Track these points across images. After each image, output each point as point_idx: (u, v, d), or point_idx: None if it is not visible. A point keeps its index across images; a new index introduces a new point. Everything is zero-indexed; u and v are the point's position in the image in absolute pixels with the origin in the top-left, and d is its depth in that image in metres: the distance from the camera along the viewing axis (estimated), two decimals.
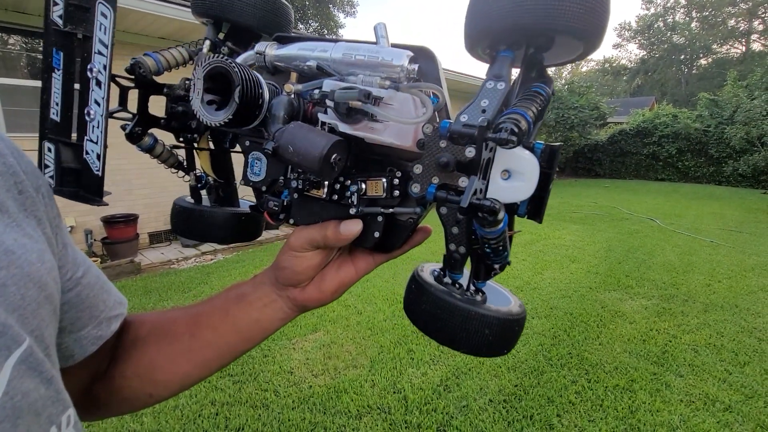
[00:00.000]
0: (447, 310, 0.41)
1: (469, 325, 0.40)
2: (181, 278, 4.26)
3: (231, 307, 0.47)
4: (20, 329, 0.25)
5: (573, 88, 13.22)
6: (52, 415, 0.27)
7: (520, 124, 0.33)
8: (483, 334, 0.40)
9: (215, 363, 0.47)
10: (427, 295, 0.42)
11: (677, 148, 12.88)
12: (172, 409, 2.16)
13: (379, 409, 2.15)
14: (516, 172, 0.37)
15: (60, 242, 0.34)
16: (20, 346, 0.24)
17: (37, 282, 0.27)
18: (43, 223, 0.31)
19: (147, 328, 0.47)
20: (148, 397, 0.46)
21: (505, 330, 0.41)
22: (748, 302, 3.50)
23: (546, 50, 0.41)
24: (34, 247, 0.28)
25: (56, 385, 0.28)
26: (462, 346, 0.41)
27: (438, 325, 0.42)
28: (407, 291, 0.47)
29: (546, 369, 2.51)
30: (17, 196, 0.29)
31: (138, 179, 5.39)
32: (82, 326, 0.37)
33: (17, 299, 0.25)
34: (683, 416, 2.10)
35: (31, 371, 0.25)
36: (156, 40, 5.29)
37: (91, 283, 0.37)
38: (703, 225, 6.58)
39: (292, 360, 2.63)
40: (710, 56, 34.04)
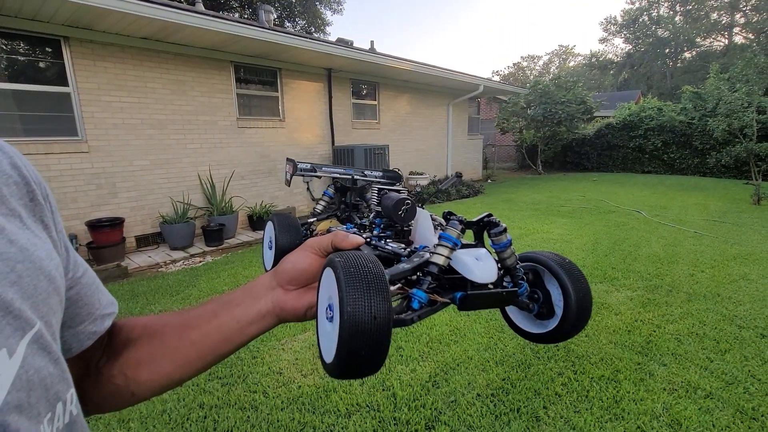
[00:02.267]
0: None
1: (370, 303, 0.39)
2: (169, 281, 4.22)
3: (218, 309, 0.50)
4: (32, 314, 0.29)
5: (560, 83, 13.31)
6: (59, 392, 0.31)
7: (502, 229, 0.53)
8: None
9: (196, 364, 0.49)
10: (377, 267, 0.46)
11: (662, 141, 13.07)
12: (160, 413, 2.15)
13: (368, 407, 2.16)
14: (482, 261, 0.51)
15: (63, 246, 0.38)
16: (32, 328, 0.28)
17: (47, 275, 0.31)
18: (49, 228, 0.36)
19: (139, 330, 0.50)
20: (130, 395, 0.48)
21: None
22: (730, 291, 3.58)
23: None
24: (43, 246, 0.33)
25: (62, 365, 0.32)
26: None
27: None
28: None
29: (533, 362, 2.54)
30: (28, 203, 0.34)
31: (123, 182, 5.31)
32: (80, 322, 0.40)
33: (30, 289, 0.29)
34: (666, 404, 2.14)
35: (41, 351, 0.29)
36: (138, 40, 5.21)
37: (88, 283, 0.41)
38: (688, 216, 6.71)
39: (281, 360, 2.62)
40: (694, 49, 34.56)
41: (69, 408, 0.32)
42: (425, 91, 10.57)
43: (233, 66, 6.37)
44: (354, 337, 0.37)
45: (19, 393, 0.26)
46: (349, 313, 0.36)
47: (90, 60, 4.90)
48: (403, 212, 0.60)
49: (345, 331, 0.37)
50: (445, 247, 0.50)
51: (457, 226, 0.50)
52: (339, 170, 0.93)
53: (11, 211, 0.32)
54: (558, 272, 0.55)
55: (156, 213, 5.61)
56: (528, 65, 50.65)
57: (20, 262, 0.29)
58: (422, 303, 0.46)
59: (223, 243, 5.67)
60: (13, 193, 0.33)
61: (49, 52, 4.75)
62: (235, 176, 6.48)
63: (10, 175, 0.33)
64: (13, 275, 0.28)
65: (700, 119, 11.96)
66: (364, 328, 0.37)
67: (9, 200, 0.32)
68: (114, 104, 5.14)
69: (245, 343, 0.51)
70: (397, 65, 8.10)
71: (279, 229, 0.72)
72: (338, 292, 0.38)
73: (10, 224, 0.31)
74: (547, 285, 0.58)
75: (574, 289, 0.54)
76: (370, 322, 0.37)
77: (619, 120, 14.08)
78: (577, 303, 0.54)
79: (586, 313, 0.55)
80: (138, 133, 5.38)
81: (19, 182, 0.34)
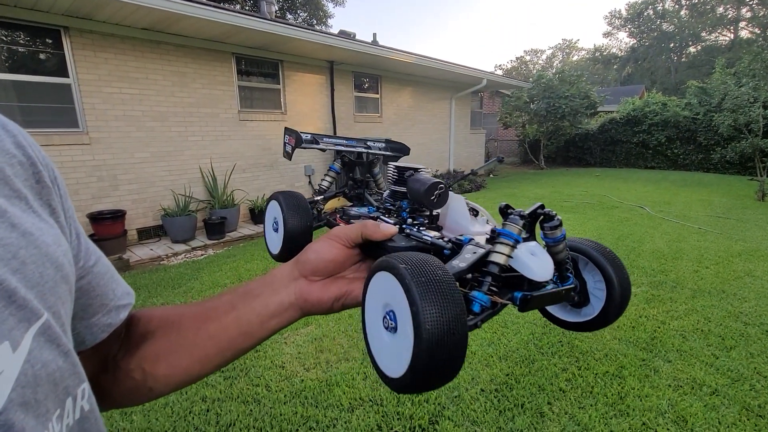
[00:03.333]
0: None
1: (451, 309, 0.37)
2: (171, 274, 4.21)
3: (236, 301, 0.48)
4: (38, 304, 0.27)
5: (564, 77, 13.18)
6: (69, 387, 0.29)
7: (557, 223, 0.51)
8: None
9: (216, 359, 0.47)
10: (444, 270, 0.45)
11: (666, 136, 12.98)
12: (162, 406, 2.14)
13: (371, 401, 2.15)
14: (538, 256, 0.49)
15: (73, 232, 0.35)
16: (39, 320, 0.26)
17: (54, 262, 0.29)
18: (57, 213, 0.33)
19: (156, 322, 0.48)
20: (148, 390, 0.46)
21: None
22: (735, 287, 3.56)
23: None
24: (50, 231, 0.30)
25: (73, 358, 0.30)
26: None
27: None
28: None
29: (537, 357, 2.53)
30: (34, 185, 0.32)
31: (124, 174, 5.29)
32: (93, 314, 0.38)
33: (36, 277, 0.27)
34: (671, 400, 2.13)
35: (49, 343, 0.27)
36: (139, 31, 5.15)
37: (102, 272, 0.39)
38: (692, 212, 6.67)
39: (284, 354, 2.61)
40: (699, 44, 34.23)
41: (80, 403, 0.30)
42: (428, 85, 10.49)
43: (235, 58, 6.31)
44: (434, 355, 0.34)
45: (24, 389, 0.24)
46: (429, 331, 0.34)
47: (90, 51, 4.85)
48: (436, 197, 0.55)
49: (424, 351, 0.34)
50: (507, 245, 0.46)
51: (518, 222, 0.46)
52: (343, 141, 0.84)
53: (15, 192, 0.29)
54: (600, 262, 0.53)
55: (157, 206, 5.59)
56: (531, 59, 50.29)
57: (23, 247, 0.27)
58: (484, 306, 0.43)
59: (225, 236, 5.66)
60: (17, 173, 0.30)
61: (50, 43, 4.70)
62: (236, 169, 6.44)
63: (14, 154, 0.31)
64: (15, 262, 0.26)
65: (705, 114, 11.86)
66: (443, 345, 0.34)
67: (13, 181, 0.29)
68: (115, 96, 5.09)
69: (266, 337, 0.48)
70: (400, 58, 8.02)
71: (287, 209, 0.65)
72: (410, 305, 0.35)
73: (12, 207, 0.28)
74: (583, 273, 0.56)
75: (618, 278, 0.52)
76: (449, 338, 0.34)
77: (622, 115, 13.97)
78: (621, 293, 0.52)
79: (626, 302, 0.54)
80: (139, 125, 5.35)
81: (24, 162, 0.31)
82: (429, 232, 0.54)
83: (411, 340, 0.35)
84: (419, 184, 0.57)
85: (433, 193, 0.56)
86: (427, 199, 0.56)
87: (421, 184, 0.57)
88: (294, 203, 0.67)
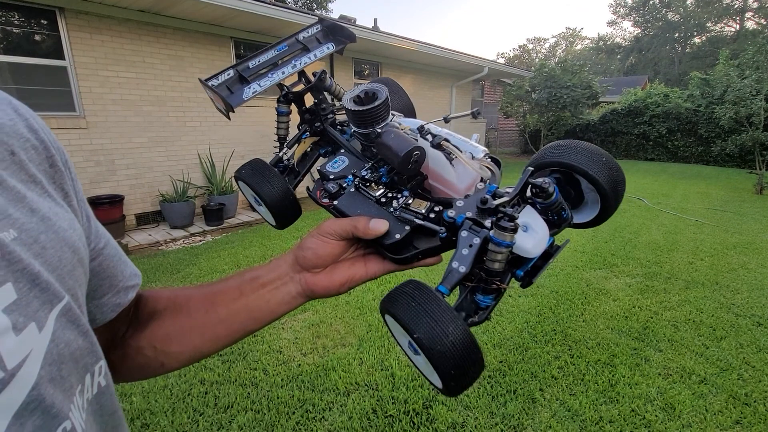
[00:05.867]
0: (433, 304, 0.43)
1: (437, 325, 0.41)
2: (169, 260, 4.23)
3: (245, 287, 0.50)
4: (59, 287, 0.28)
5: (566, 66, 13.04)
6: (88, 364, 0.31)
7: (549, 188, 0.47)
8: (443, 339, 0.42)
9: (225, 339, 0.50)
10: (422, 290, 0.45)
11: (667, 128, 12.92)
12: (162, 388, 2.18)
13: (366, 385, 2.19)
14: (532, 229, 0.48)
15: (84, 215, 0.36)
16: (60, 301, 0.28)
17: (70, 246, 0.30)
18: (70, 196, 0.34)
19: (164, 302, 0.50)
20: (159, 366, 0.49)
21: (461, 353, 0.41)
22: (728, 279, 3.59)
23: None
24: (65, 216, 0.31)
25: (91, 338, 0.31)
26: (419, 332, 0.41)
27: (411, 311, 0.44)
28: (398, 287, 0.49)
29: (530, 345, 2.57)
30: (48, 169, 0.32)
31: (121, 159, 5.26)
32: (103, 294, 0.39)
33: (55, 261, 0.28)
34: (660, 388, 2.17)
35: (70, 324, 0.29)
36: (135, 13, 5.07)
37: (111, 254, 0.40)
38: (689, 204, 6.69)
39: (281, 339, 2.65)
40: (704, 34, 33.82)
41: (97, 380, 0.32)
42: (428, 72, 10.38)
43: (233, 42, 6.23)
44: (449, 363, 0.40)
45: (51, 367, 0.26)
46: (433, 349, 0.39)
47: (86, 33, 4.77)
48: (413, 164, 0.51)
49: (441, 364, 0.40)
50: (501, 253, 0.45)
51: (510, 226, 0.44)
52: (270, 55, 0.68)
53: (31, 177, 0.30)
54: (585, 172, 0.51)
55: (156, 191, 5.58)
56: (534, 48, 49.66)
57: (43, 232, 0.28)
58: (489, 303, 0.48)
59: (223, 223, 5.66)
60: (31, 158, 0.30)
61: (45, 24, 4.62)
62: (235, 156, 6.42)
63: (27, 138, 0.31)
64: (36, 246, 0.27)
65: (706, 107, 11.79)
66: (450, 354, 0.39)
67: (28, 166, 0.30)
68: (112, 79, 5.03)
69: (274, 320, 0.51)
70: (401, 44, 7.92)
71: (254, 182, 0.61)
72: (411, 335, 0.41)
73: (30, 192, 0.29)
74: (575, 176, 0.55)
75: (605, 181, 0.51)
76: (452, 347, 0.39)
77: (624, 106, 13.88)
78: (612, 192, 0.52)
79: (620, 194, 0.54)
80: (137, 109, 5.30)
81: (37, 146, 0.32)
82: (418, 206, 0.52)
83: (425, 356, 0.41)
84: (391, 153, 0.51)
85: (409, 162, 0.51)
86: (404, 169, 0.51)
87: (393, 154, 0.50)
88: (257, 174, 0.62)
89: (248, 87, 0.66)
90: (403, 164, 0.50)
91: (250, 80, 0.67)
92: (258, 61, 0.68)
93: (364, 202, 0.54)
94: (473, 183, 0.53)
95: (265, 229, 5.36)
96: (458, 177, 0.54)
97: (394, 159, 0.50)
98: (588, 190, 0.55)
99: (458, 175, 0.54)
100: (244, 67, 0.67)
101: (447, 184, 0.54)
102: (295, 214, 0.66)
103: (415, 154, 0.50)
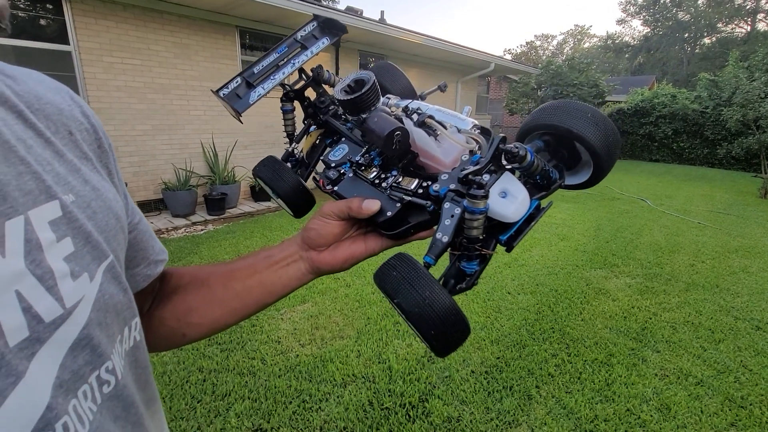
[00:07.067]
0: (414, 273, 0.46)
1: (414, 290, 0.44)
2: (170, 248, 4.25)
3: (259, 265, 0.55)
4: (106, 247, 0.32)
5: (573, 64, 12.92)
6: (127, 318, 0.35)
7: (520, 151, 0.48)
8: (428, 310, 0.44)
9: (241, 312, 0.55)
10: (404, 260, 0.47)
11: (673, 129, 12.82)
12: (161, 375, 2.20)
13: (363, 378, 2.21)
14: (511, 195, 0.50)
15: (122, 193, 0.40)
16: (107, 259, 0.32)
17: (114, 214, 0.35)
18: (113, 174, 0.38)
19: (187, 278, 0.55)
20: (181, 336, 0.53)
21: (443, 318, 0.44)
22: (729, 282, 3.59)
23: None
24: (110, 189, 0.36)
25: (129, 295, 0.35)
26: (404, 302, 0.44)
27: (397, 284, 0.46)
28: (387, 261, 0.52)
29: (528, 343, 2.58)
30: (96, 150, 0.37)
31: (125, 147, 5.26)
32: (136, 265, 0.44)
33: (103, 224, 0.33)
34: (656, 389, 2.18)
35: (114, 279, 0.33)
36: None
37: (144, 230, 0.45)
38: (693, 206, 6.65)
39: (280, 330, 2.66)
40: (714, 35, 33.41)
41: (133, 334, 0.37)
42: (434, 67, 10.31)
43: (238, 31, 6.19)
44: (422, 326, 0.42)
45: (98, 313, 0.30)
46: (406, 312, 0.43)
47: (91, 18, 4.75)
48: (397, 144, 0.53)
49: (421, 327, 0.42)
50: (476, 219, 0.48)
51: (480, 193, 0.46)
52: (272, 59, 0.72)
53: (84, 154, 0.35)
54: (576, 133, 0.51)
55: (158, 179, 5.59)
56: (542, 44, 49.21)
57: (94, 200, 0.33)
58: (475, 269, 0.50)
59: (225, 212, 5.67)
60: (85, 138, 0.36)
61: (50, 9, 4.60)
62: (238, 146, 6.41)
63: (81, 122, 0.36)
64: (89, 210, 0.32)
65: (714, 108, 11.67)
66: (423, 315, 0.42)
67: (82, 144, 0.35)
68: (116, 66, 5.02)
69: (286, 294, 0.56)
70: (408, 38, 7.86)
71: (269, 180, 0.68)
72: (403, 314, 0.44)
73: (83, 166, 0.34)
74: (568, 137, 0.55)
75: (599, 141, 0.51)
76: (431, 310, 0.42)
77: (630, 105, 13.77)
78: (606, 152, 0.52)
79: (616, 154, 0.54)
80: (140, 96, 5.29)
81: (89, 129, 0.37)
82: (408, 183, 0.54)
83: (420, 334, 0.43)
84: (375, 137, 0.54)
85: (392, 143, 0.53)
86: (389, 150, 0.53)
87: (376, 137, 0.53)
88: (271, 171, 0.68)
89: (254, 91, 0.72)
90: (387, 145, 0.52)
91: (255, 85, 0.72)
92: (261, 65, 0.73)
93: (360, 185, 0.58)
94: (459, 156, 0.55)
95: (267, 220, 5.37)
96: (444, 152, 0.56)
97: (378, 141, 0.53)
98: (583, 150, 0.56)
99: (444, 150, 0.56)
100: (250, 73, 0.72)
101: (434, 160, 0.56)
102: (308, 203, 0.71)
103: (396, 135, 0.52)
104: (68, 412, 0.27)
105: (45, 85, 0.35)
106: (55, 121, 0.33)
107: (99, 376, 0.30)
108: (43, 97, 0.33)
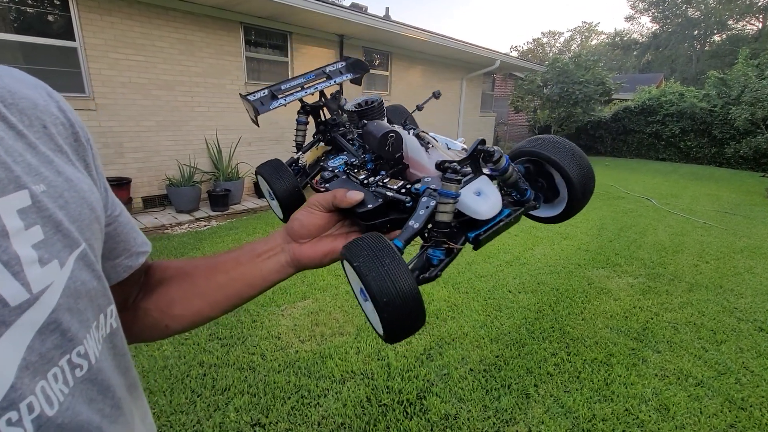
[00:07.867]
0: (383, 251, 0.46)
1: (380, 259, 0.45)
2: (173, 243, 4.28)
3: (242, 257, 0.56)
4: (78, 236, 0.33)
5: (579, 61, 12.80)
6: (101, 305, 0.36)
7: (495, 153, 0.52)
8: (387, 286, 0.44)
9: (223, 304, 0.56)
10: (375, 235, 0.49)
11: (681, 128, 12.67)
12: (161, 369, 2.22)
13: (362, 374, 2.22)
14: (485, 194, 0.53)
15: (102, 186, 0.41)
16: (78, 247, 0.33)
17: (89, 205, 0.35)
18: (90, 168, 0.39)
19: (172, 271, 0.56)
20: (164, 328, 0.54)
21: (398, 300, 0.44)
22: (733, 283, 3.55)
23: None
24: (86, 181, 0.36)
25: (103, 282, 0.36)
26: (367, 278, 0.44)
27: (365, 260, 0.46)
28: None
29: (528, 341, 2.57)
30: (73, 143, 0.38)
31: (130, 142, 5.30)
32: (117, 256, 0.44)
33: (76, 214, 0.33)
34: (656, 389, 2.17)
35: (86, 267, 0.33)
36: None
37: (125, 222, 0.45)
38: (699, 206, 6.59)
39: (280, 326, 2.68)
40: (724, 32, 32.91)
41: (109, 320, 0.37)
42: (439, 64, 10.26)
43: (243, 27, 6.20)
44: (390, 310, 0.43)
45: (68, 299, 0.31)
46: (377, 293, 0.42)
47: (97, 14, 4.77)
48: (390, 146, 0.58)
49: (382, 309, 0.43)
50: (447, 204, 0.50)
51: (454, 178, 0.49)
52: (301, 81, 0.83)
53: (58, 147, 0.35)
54: (555, 161, 0.56)
55: (162, 175, 5.63)
56: (548, 41, 48.77)
57: (66, 190, 0.33)
58: (441, 258, 0.51)
59: (228, 209, 5.70)
60: (60, 132, 0.36)
61: (57, 5, 4.63)
62: (242, 142, 6.43)
63: (57, 116, 0.37)
64: (61, 200, 0.32)
65: (722, 107, 11.52)
66: (394, 302, 0.42)
67: (56, 138, 0.36)
68: (121, 62, 5.05)
69: (268, 288, 0.57)
70: (413, 35, 7.82)
71: (270, 179, 0.72)
72: (359, 278, 0.44)
73: (57, 159, 0.34)
74: (548, 168, 0.60)
75: (575, 174, 0.56)
76: (395, 292, 0.42)
77: (637, 104, 13.61)
78: (581, 186, 0.57)
79: (589, 192, 0.58)
80: (145, 92, 5.32)
81: (65, 123, 0.37)
82: (393, 184, 0.58)
83: (373, 303, 0.44)
84: (371, 138, 0.58)
85: (386, 144, 0.57)
86: (382, 151, 0.58)
87: (372, 137, 0.58)
88: (274, 171, 0.72)
89: (275, 101, 0.81)
90: (381, 145, 0.56)
91: (279, 97, 0.81)
92: (289, 84, 0.84)
93: (350, 184, 0.61)
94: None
95: (269, 217, 5.40)
96: (432, 162, 0.59)
97: (374, 142, 0.56)
98: (561, 185, 0.59)
99: (432, 161, 0.59)
100: (277, 88, 0.82)
101: (422, 169, 0.59)
102: (296, 205, 0.75)
103: (390, 136, 0.56)
104: (35, 392, 0.27)
105: (22, 82, 0.36)
106: (29, 115, 0.34)
107: (70, 359, 0.31)
108: (18, 93, 0.34)
